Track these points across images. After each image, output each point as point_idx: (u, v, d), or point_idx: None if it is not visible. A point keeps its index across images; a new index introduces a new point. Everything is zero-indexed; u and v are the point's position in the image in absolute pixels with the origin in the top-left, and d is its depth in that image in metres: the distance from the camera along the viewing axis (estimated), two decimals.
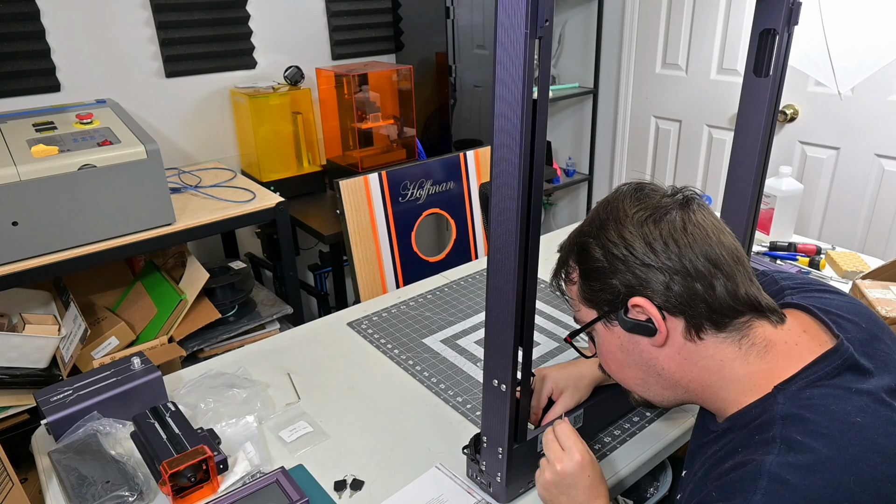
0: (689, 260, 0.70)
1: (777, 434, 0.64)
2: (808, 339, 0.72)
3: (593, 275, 0.76)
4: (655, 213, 0.73)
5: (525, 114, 0.67)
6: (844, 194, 2.38)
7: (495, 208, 0.74)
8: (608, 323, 0.77)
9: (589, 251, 0.76)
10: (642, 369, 0.77)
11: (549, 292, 1.54)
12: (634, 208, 0.74)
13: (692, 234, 0.71)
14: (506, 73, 0.67)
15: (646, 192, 0.76)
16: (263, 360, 1.29)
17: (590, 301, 0.78)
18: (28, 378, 1.58)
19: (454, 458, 1.01)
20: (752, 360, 0.71)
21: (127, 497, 0.92)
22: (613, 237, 0.73)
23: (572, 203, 3.50)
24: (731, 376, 0.72)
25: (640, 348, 0.76)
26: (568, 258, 0.81)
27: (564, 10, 3.08)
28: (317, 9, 2.42)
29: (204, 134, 2.28)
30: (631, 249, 0.72)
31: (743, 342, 0.72)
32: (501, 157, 0.71)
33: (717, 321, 0.71)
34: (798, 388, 0.67)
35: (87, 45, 1.97)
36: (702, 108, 2.72)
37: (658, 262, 0.71)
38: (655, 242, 0.71)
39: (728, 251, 0.72)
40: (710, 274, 0.70)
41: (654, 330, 0.73)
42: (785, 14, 0.97)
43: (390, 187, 1.96)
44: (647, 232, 0.72)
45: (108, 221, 1.59)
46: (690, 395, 0.77)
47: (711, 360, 0.73)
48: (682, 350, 0.73)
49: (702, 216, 0.73)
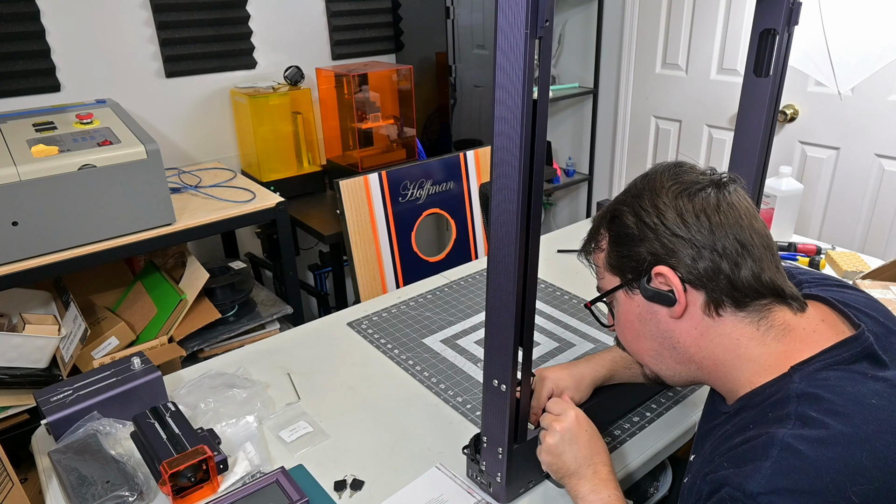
0: (719, 238, 0.71)
1: (792, 411, 0.64)
2: (826, 328, 0.73)
3: (622, 241, 0.77)
4: (691, 188, 0.74)
5: (525, 114, 0.67)
6: (844, 194, 2.38)
7: (495, 208, 0.74)
8: (630, 291, 0.78)
9: (622, 218, 0.77)
10: (657, 341, 0.78)
11: (549, 292, 1.54)
12: (671, 182, 0.75)
13: (725, 213, 0.72)
14: (506, 73, 0.67)
15: (684, 169, 0.77)
16: (263, 360, 1.29)
17: (615, 268, 0.79)
18: (28, 378, 1.58)
19: (454, 458, 1.01)
20: (768, 341, 0.72)
21: (127, 497, 0.92)
22: (647, 205, 0.75)
23: (572, 203, 3.50)
24: (747, 356, 0.72)
25: (657, 318, 0.76)
26: (600, 226, 0.82)
27: (564, 10, 3.08)
28: (317, 9, 2.42)
29: (204, 134, 2.28)
30: (662, 218, 0.73)
31: (761, 323, 0.72)
32: (501, 157, 0.71)
33: (738, 300, 0.71)
34: (815, 370, 0.67)
35: (87, 45, 1.97)
36: (702, 108, 2.72)
37: (688, 234, 0.72)
38: (687, 215, 0.72)
39: (759, 236, 0.73)
40: (737, 254, 0.71)
41: (674, 300, 0.73)
42: (785, 14, 0.97)
43: (390, 187, 1.96)
44: (680, 205, 0.73)
45: (108, 221, 1.59)
46: (703, 373, 0.77)
47: (728, 337, 0.73)
48: (700, 325, 0.74)
49: (737, 198, 0.74)
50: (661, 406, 1.13)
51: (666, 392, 1.16)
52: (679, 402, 1.14)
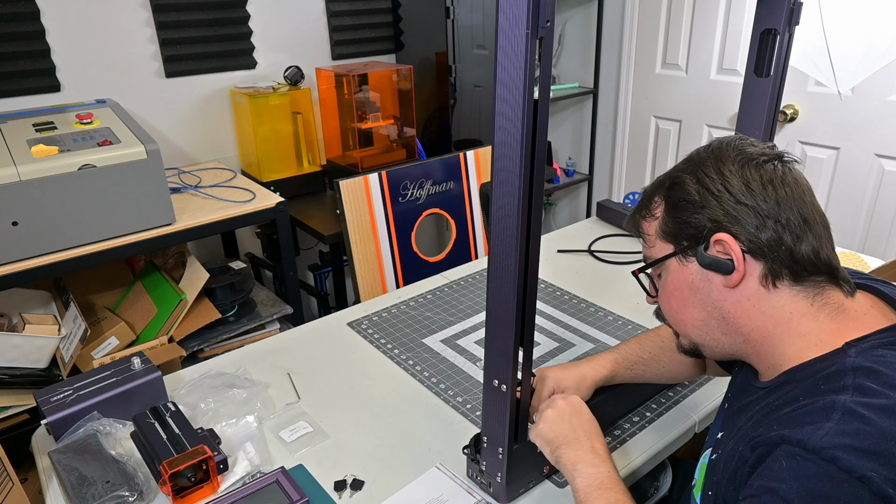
0: (784, 209, 0.70)
1: (850, 382, 0.64)
2: (877, 313, 0.73)
3: (682, 207, 0.75)
4: (758, 159, 0.73)
5: (526, 114, 0.67)
6: (844, 194, 2.38)
7: (495, 208, 0.74)
8: (684, 258, 0.76)
9: (683, 184, 0.75)
10: (706, 310, 0.76)
11: (549, 292, 1.54)
12: (736, 152, 0.74)
13: (791, 186, 0.72)
14: (507, 73, 0.67)
15: (748, 142, 0.76)
16: (263, 360, 1.29)
17: (669, 235, 0.77)
18: (28, 378, 1.58)
19: (454, 458, 1.01)
20: (822, 318, 0.71)
21: (127, 497, 0.92)
22: (711, 172, 0.73)
23: (572, 203, 3.50)
24: (798, 330, 0.71)
25: (710, 287, 0.75)
26: (654, 194, 0.80)
27: (564, 10, 3.08)
28: (317, 9, 2.42)
29: (204, 134, 2.28)
30: (727, 185, 0.72)
31: (816, 299, 0.71)
32: (502, 157, 0.71)
33: (796, 273, 0.71)
34: (870, 346, 0.67)
35: (87, 45, 1.97)
36: (702, 108, 2.72)
37: (753, 202, 0.71)
38: (754, 183, 0.71)
39: (819, 215, 0.73)
40: (799, 228, 0.70)
41: (732, 268, 0.72)
42: (786, 14, 0.98)
43: (390, 187, 1.96)
44: (747, 173, 0.72)
45: (108, 221, 1.59)
46: (748, 345, 0.76)
47: (781, 310, 0.72)
48: (754, 295, 0.72)
49: (800, 175, 0.74)
50: (662, 406, 1.13)
51: (666, 392, 1.16)
52: (679, 403, 1.14)
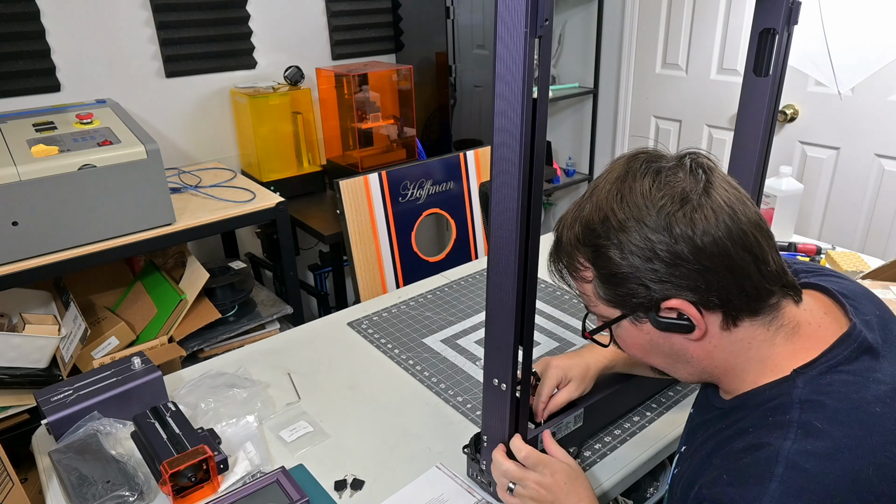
0: (724, 253, 0.65)
1: (795, 418, 0.62)
2: (829, 322, 0.71)
3: (616, 279, 0.69)
4: (683, 207, 0.65)
5: (525, 113, 0.67)
6: (844, 194, 2.38)
7: (495, 208, 0.74)
8: (636, 321, 0.72)
9: (608, 254, 0.68)
10: (671, 358, 0.75)
11: (549, 292, 1.54)
12: (658, 203, 0.66)
13: (723, 221, 0.65)
14: (506, 72, 0.67)
15: (662, 176, 0.67)
16: (263, 360, 1.29)
17: (612, 302, 0.72)
18: (28, 378, 1.58)
19: (454, 457, 1.01)
20: (778, 341, 0.70)
21: (127, 497, 0.92)
22: (636, 240, 0.66)
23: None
24: (756, 357, 0.70)
25: (671, 342, 0.72)
26: (575, 253, 0.73)
27: (564, 10, 3.08)
28: (317, 9, 2.42)
29: (204, 134, 2.28)
30: (657, 250, 0.65)
31: (773, 323, 0.69)
32: (501, 157, 0.71)
33: (754, 308, 0.68)
34: (818, 374, 0.66)
35: (87, 45, 1.97)
36: (702, 108, 2.72)
37: (691, 261, 0.65)
38: (686, 242, 0.64)
39: (753, 225, 0.67)
40: (742, 261, 0.65)
41: (692, 327, 0.69)
42: (785, 14, 0.97)
43: (390, 187, 1.96)
44: (677, 231, 0.65)
45: (108, 221, 1.59)
46: (713, 377, 0.75)
47: (740, 343, 0.70)
48: (715, 339, 0.71)
49: (723, 191, 0.67)
50: (662, 406, 1.13)
51: (666, 392, 1.16)
52: (679, 403, 1.14)
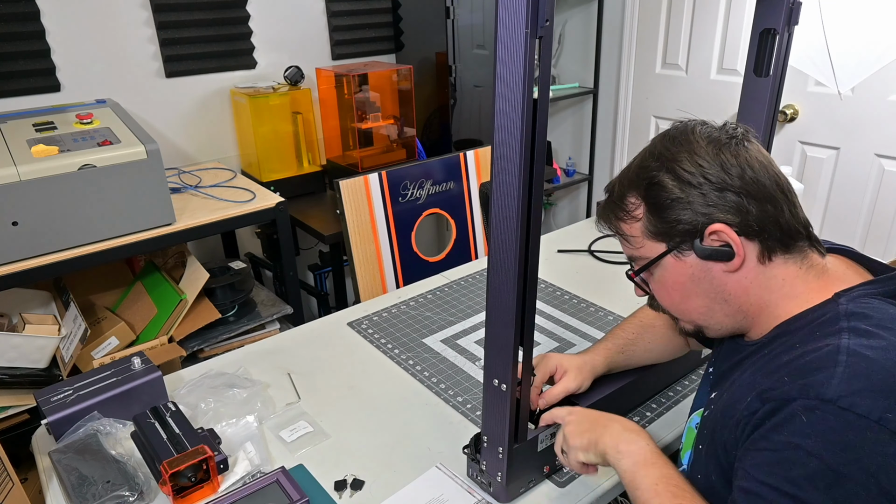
0: (763, 184, 0.73)
1: (845, 326, 0.67)
2: (853, 273, 0.77)
3: (666, 206, 0.75)
4: (730, 142, 0.75)
5: (525, 113, 0.67)
6: (844, 194, 2.38)
7: (495, 208, 0.74)
8: (680, 253, 0.77)
9: (662, 183, 0.75)
10: (709, 297, 0.78)
11: (549, 292, 1.54)
12: (705, 139, 0.75)
13: (760, 161, 0.74)
14: (506, 72, 0.67)
15: (711, 126, 0.78)
16: (263, 360, 1.29)
17: (659, 234, 0.77)
18: (28, 378, 1.58)
19: (454, 457, 1.01)
20: (810, 279, 0.75)
21: (127, 497, 0.92)
22: (687, 165, 0.74)
23: (572, 203, 3.50)
24: (791, 293, 0.75)
25: (711, 275, 0.76)
26: (626, 195, 0.80)
27: (564, 10, 3.08)
28: (317, 9, 2.42)
29: (204, 134, 2.28)
30: (707, 175, 0.73)
31: (804, 262, 0.75)
32: (502, 157, 0.71)
33: (787, 243, 0.74)
34: (858, 295, 0.71)
35: (87, 45, 1.97)
36: (702, 108, 2.72)
37: (735, 186, 0.73)
38: (733, 169, 0.73)
39: (785, 180, 0.76)
40: (780, 199, 0.73)
41: (732, 254, 0.73)
42: (785, 14, 0.98)
43: (390, 187, 1.96)
44: (724, 159, 0.73)
45: (108, 221, 1.59)
46: (748, 320, 0.78)
47: (775, 279, 0.75)
48: (752, 273, 0.75)
49: (757, 149, 0.77)
50: (662, 406, 1.13)
51: (666, 392, 1.16)
52: (679, 403, 1.14)
